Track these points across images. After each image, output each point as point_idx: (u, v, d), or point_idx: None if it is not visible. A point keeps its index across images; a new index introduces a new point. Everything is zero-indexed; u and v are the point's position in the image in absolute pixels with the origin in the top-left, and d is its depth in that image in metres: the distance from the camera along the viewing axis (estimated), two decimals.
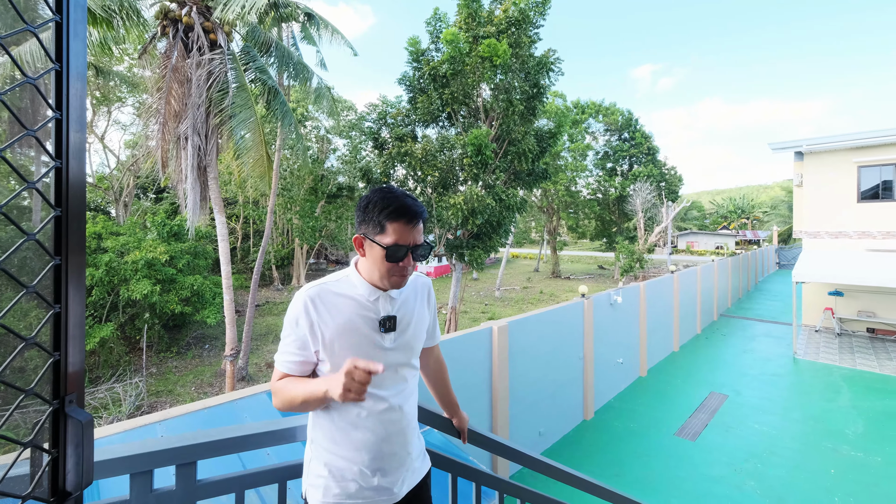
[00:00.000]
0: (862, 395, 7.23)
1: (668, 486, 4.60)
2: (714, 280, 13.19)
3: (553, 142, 10.69)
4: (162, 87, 7.88)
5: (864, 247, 11.27)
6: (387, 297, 1.19)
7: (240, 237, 23.26)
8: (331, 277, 1.21)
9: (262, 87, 9.15)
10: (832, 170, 11.74)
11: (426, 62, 9.91)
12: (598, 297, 6.58)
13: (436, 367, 1.56)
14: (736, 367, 8.66)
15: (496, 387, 4.34)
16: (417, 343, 1.29)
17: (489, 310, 16.71)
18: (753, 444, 5.54)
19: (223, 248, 8.63)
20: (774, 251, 30.46)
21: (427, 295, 1.38)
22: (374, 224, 1.12)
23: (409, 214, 1.12)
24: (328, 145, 23.86)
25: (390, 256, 1.11)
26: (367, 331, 1.16)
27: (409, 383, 1.27)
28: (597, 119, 28.42)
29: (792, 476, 4.83)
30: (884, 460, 5.17)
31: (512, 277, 28.34)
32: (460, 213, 8.73)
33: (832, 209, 11.75)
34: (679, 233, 47.66)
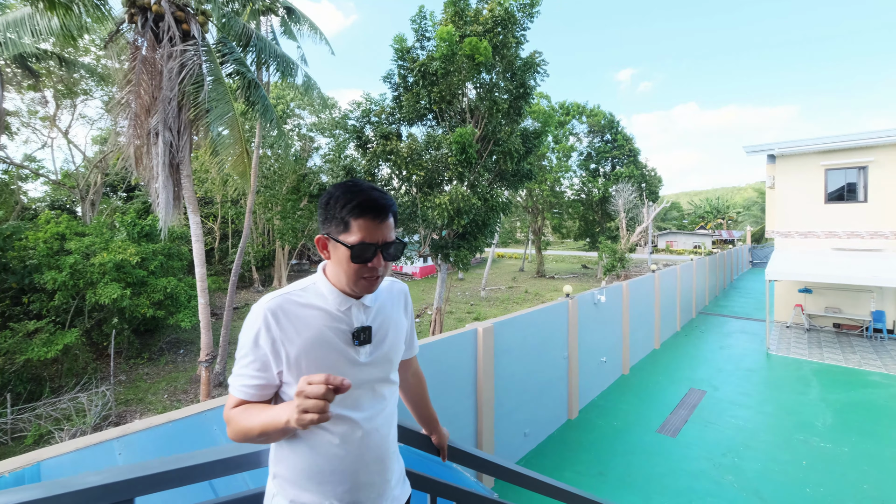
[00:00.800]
0: (829, 387, 7.59)
1: (650, 484, 4.72)
2: (693, 279, 13.61)
3: (538, 142, 10.80)
4: (132, 79, 7.58)
5: (830, 246, 11.84)
6: (360, 305, 1.08)
7: (218, 237, 22.65)
8: (295, 286, 1.08)
9: (240, 80, 8.90)
10: (802, 172, 12.27)
11: (412, 60, 9.88)
12: (582, 297, 6.69)
13: (414, 381, 1.45)
14: (713, 363, 8.96)
15: (481, 389, 4.34)
16: (396, 355, 1.18)
17: (475, 310, 16.78)
18: (731, 439, 5.74)
19: (197, 250, 8.37)
20: (748, 250, 31.65)
21: (404, 302, 1.27)
22: (338, 221, 1.01)
23: (376, 209, 1.01)
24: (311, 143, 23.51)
25: (356, 257, 1.00)
26: (339, 345, 1.04)
27: (388, 402, 1.16)
28: (580, 121, 28.95)
29: (767, 469, 5.03)
30: (850, 450, 5.45)
31: (497, 277, 28.54)
32: (446, 213, 8.72)
33: (802, 210, 12.29)
34: (659, 232, 48.94)
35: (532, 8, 9.66)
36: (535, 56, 9.94)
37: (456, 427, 4.09)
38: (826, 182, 11.96)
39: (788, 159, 12.47)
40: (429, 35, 10.01)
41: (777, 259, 11.16)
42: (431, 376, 3.77)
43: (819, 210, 12.04)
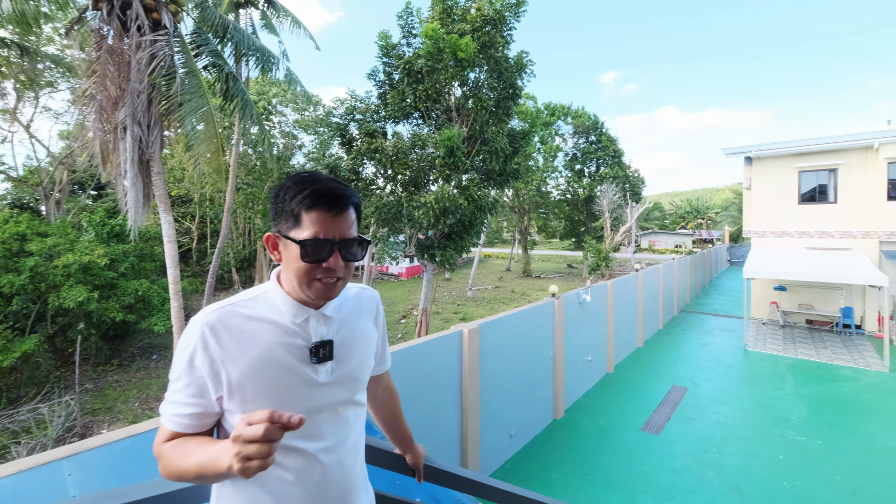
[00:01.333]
0: (803, 382, 7.89)
1: (635, 482, 4.80)
2: (674, 277, 13.94)
3: (525, 142, 10.88)
4: (97, 69, 7.25)
5: (803, 245, 12.31)
6: (319, 316, 0.95)
7: (196, 237, 22.05)
8: (241, 296, 0.94)
9: (217, 73, 8.64)
10: (777, 174, 12.73)
11: (397, 57, 9.82)
12: (568, 297, 6.75)
13: (385, 398, 1.31)
14: (694, 360, 9.19)
15: (467, 391, 4.30)
16: (363, 372, 1.05)
17: (461, 310, 16.80)
18: (711, 435, 5.89)
19: (170, 250, 8.08)
20: (726, 249, 32.68)
21: (375, 311, 1.14)
22: (287, 215, 0.89)
23: (332, 199, 0.88)
24: (294, 141, 23.14)
25: (308, 255, 0.86)
26: (294, 363, 0.91)
27: (354, 427, 1.02)
28: (566, 121, 29.39)
29: (746, 464, 5.18)
30: (823, 443, 5.66)
31: (484, 277, 28.66)
32: (432, 213, 8.69)
33: (777, 210, 12.75)
34: (642, 232, 50.04)
35: (518, 8, 9.74)
36: (522, 56, 10.01)
37: (440, 431, 4.07)
38: (799, 183, 12.43)
39: (764, 161, 12.91)
40: (415, 32, 9.97)
41: (754, 258, 11.54)
42: (416, 380, 3.72)
43: (793, 210, 12.52)
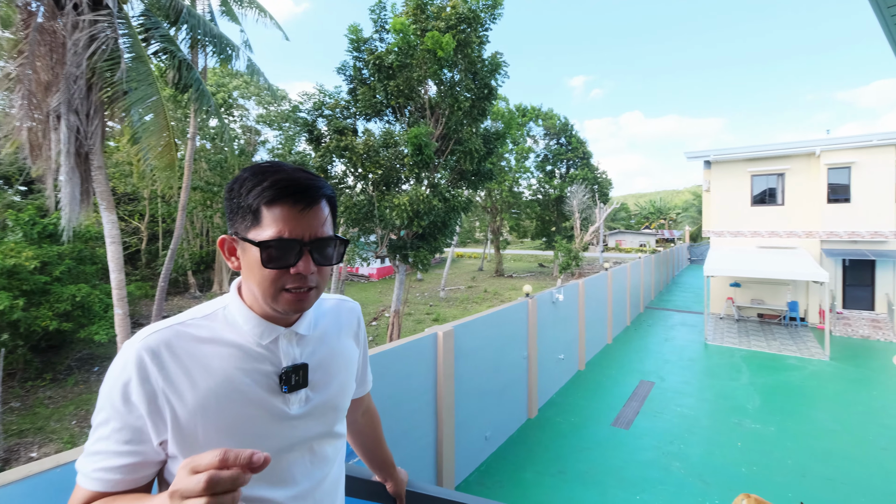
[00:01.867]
0: (757, 372, 8.44)
1: (607, 476, 4.95)
2: (641, 275, 14.54)
3: (500, 143, 10.99)
4: (24, 49, 6.56)
5: (755, 244, 13.21)
6: (291, 335, 0.81)
7: (145, 238, 20.79)
8: (193, 313, 0.79)
9: (170, 61, 8.10)
10: (732, 177, 13.57)
11: (369, 51, 9.65)
12: (541, 296, 6.87)
13: (365, 422, 1.16)
14: (660, 355, 9.62)
15: (441, 394, 4.27)
16: (343, 399, 0.91)
17: (434, 311, 16.77)
18: (677, 427, 6.18)
19: (113, 252, 7.47)
20: (686, 248, 34.52)
21: (356, 326, 1.00)
22: (245, 212, 0.73)
23: (299, 191, 0.73)
24: (257, 136, 22.29)
25: (271, 259, 0.71)
26: (259, 394, 0.76)
27: (332, 465, 0.88)
28: (537, 123, 30.09)
29: (709, 453, 5.48)
30: (776, 429, 6.09)
31: (457, 277, 28.76)
32: (405, 215, 8.61)
33: (732, 211, 13.59)
34: (609, 232, 51.90)
35: (495, 9, 9.83)
36: (496, 56, 10.12)
37: (414, 438, 4.03)
38: (752, 186, 13.31)
39: (722, 165, 13.73)
40: (388, 27, 9.87)
41: (712, 257, 12.25)
42: (389, 386, 3.65)
43: (746, 212, 13.39)
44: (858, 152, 11.38)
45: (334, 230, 0.81)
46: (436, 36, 8.67)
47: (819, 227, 12.07)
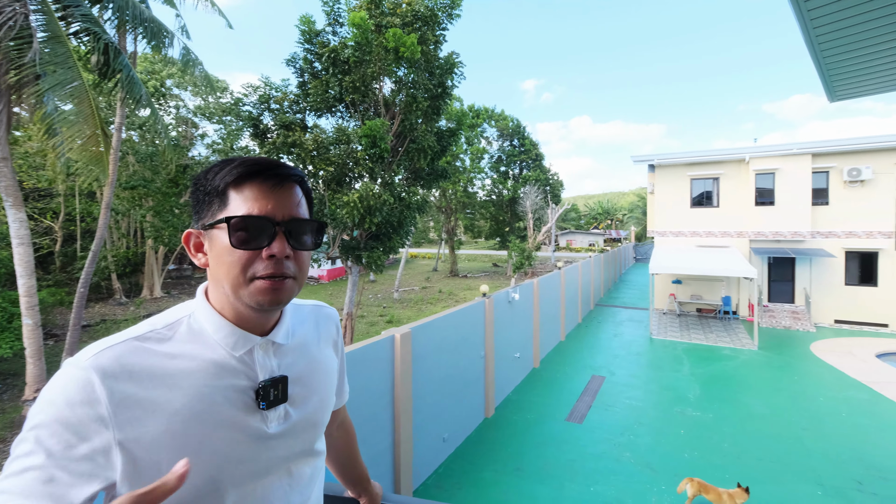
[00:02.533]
0: (696, 363, 9.12)
1: (563, 471, 5.11)
2: (591, 274, 15.24)
3: (453, 141, 11.07)
4: None
5: (694, 243, 14.30)
6: (267, 345, 0.74)
7: (60, 239, 18.75)
8: (151, 324, 0.69)
9: (93, 43, 7.36)
10: (674, 181, 14.60)
11: (321, 44, 9.35)
12: (498, 296, 6.99)
13: (340, 435, 1.10)
14: (610, 350, 10.13)
15: (399, 398, 4.22)
16: (325, 414, 0.85)
17: (388, 312, 16.55)
18: (626, 418, 6.53)
19: (21, 255, 6.67)
20: (632, 248, 36.73)
21: (335, 334, 0.94)
22: (211, 198, 0.69)
23: (269, 169, 0.69)
24: (194, 129, 20.86)
25: (241, 239, 0.65)
26: (234, 413, 0.68)
27: (313, 484, 0.83)
28: (490, 124, 30.70)
29: (656, 442, 5.83)
30: (714, 416, 6.60)
31: (411, 278, 28.59)
32: (356, 212, 8.42)
33: (674, 213, 14.62)
34: (560, 232, 53.99)
35: (452, 9, 9.89)
36: (452, 56, 10.20)
37: (371, 444, 3.94)
38: (691, 189, 14.41)
39: (665, 169, 14.73)
40: (342, 21, 9.62)
41: (657, 255, 13.09)
42: None
43: (686, 213, 14.46)
44: (781, 160, 12.66)
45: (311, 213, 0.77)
46: (398, 34, 8.58)
47: (748, 228, 13.28)
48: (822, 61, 3.38)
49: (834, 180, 12.40)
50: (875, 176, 11.86)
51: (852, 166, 12.00)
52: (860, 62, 3.28)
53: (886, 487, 4.76)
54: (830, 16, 2.77)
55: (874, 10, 2.62)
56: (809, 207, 12.36)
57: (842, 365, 8.82)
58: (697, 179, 14.30)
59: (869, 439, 5.82)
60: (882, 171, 11.78)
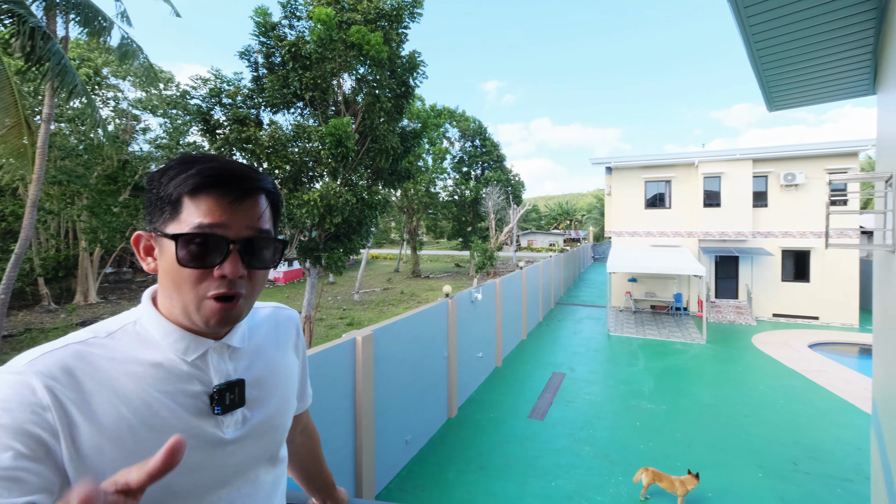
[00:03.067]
0: (650, 358, 9.63)
1: (525, 468, 5.23)
2: (552, 273, 15.70)
3: (417, 142, 11.09)
4: None
5: (648, 243, 15.09)
6: (222, 348, 0.72)
7: None
8: (93, 331, 0.66)
9: (17, 27, 6.74)
10: (630, 183, 15.35)
11: (277, 38, 9.11)
12: (461, 296, 7.04)
13: (304, 441, 1.07)
14: (570, 348, 10.48)
15: (360, 401, 4.17)
16: (285, 418, 0.82)
17: (348, 314, 16.23)
18: (586, 413, 6.78)
19: None
20: (591, 247, 38.20)
21: (296, 336, 0.91)
22: (164, 203, 0.65)
23: (231, 180, 0.65)
24: (134, 123, 19.48)
25: (189, 257, 0.62)
26: (186, 419, 0.65)
27: (274, 494, 0.80)
28: (452, 124, 30.94)
29: (614, 435, 6.09)
30: (667, 408, 6.99)
31: (372, 279, 28.20)
32: (316, 212, 8.22)
33: (630, 214, 15.37)
34: (521, 232, 55.19)
35: (415, 7, 9.90)
36: (415, 56, 10.24)
37: (332, 450, 3.85)
38: (645, 191, 15.21)
39: (621, 171, 15.45)
40: (300, 14, 9.43)
41: (614, 254, 13.70)
42: None
43: (641, 214, 15.24)
44: (726, 164, 13.65)
45: (275, 231, 0.72)
46: (363, 31, 8.49)
47: (697, 228, 14.20)
48: (763, 74, 3.66)
49: (772, 184, 13.53)
50: (807, 181, 13.06)
51: (788, 171, 13.14)
52: (796, 75, 3.59)
53: (818, 467, 5.24)
54: (770, 31, 3.01)
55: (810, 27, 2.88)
56: (751, 209, 13.41)
57: (779, 355, 9.62)
58: (651, 182, 15.11)
59: (803, 423, 6.38)
60: (813, 175, 12.99)
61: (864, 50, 3.07)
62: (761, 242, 13.70)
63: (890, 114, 2.80)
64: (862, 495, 4.67)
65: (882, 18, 2.69)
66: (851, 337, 11.41)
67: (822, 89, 3.65)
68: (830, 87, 3.60)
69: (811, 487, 4.83)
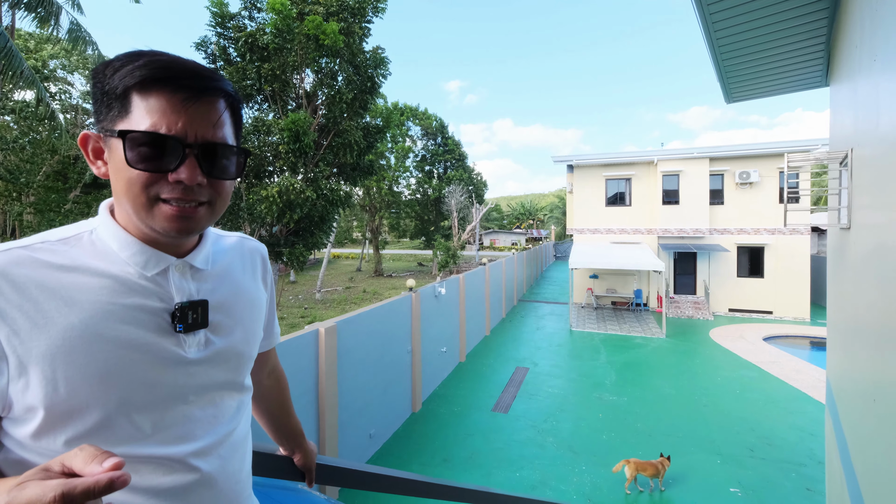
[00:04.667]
0: (612, 352, 10.00)
1: (489, 460, 5.29)
2: (514, 270, 15.98)
3: (380, 137, 11.05)
4: None
5: (609, 240, 15.66)
6: (185, 267, 0.68)
7: None
8: (43, 237, 0.62)
9: None
10: (591, 181, 15.88)
11: (236, 28, 8.93)
12: (424, 290, 7.04)
13: (271, 384, 1.04)
14: (532, 343, 10.71)
15: (323, 395, 4.12)
16: (250, 347, 0.80)
17: (309, 313, 15.76)
18: (549, 406, 6.94)
19: None
20: (552, 246, 39.29)
21: (262, 266, 0.88)
22: (110, 99, 0.59)
23: (184, 76, 0.59)
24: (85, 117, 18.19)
25: (138, 157, 0.57)
26: (143, 335, 0.62)
27: (239, 420, 0.78)
28: (414, 122, 30.90)
29: (577, 426, 6.26)
30: (628, 399, 7.27)
31: (334, 278, 27.62)
32: (275, 207, 8.09)
33: (591, 211, 15.90)
34: (484, 231, 55.85)
35: (378, 2, 9.88)
36: (378, 51, 10.17)
37: None
38: (606, 189, 15.78)
39: (583, 169, 15.94)
40: (260, 6, 9.27)
41: (576, 251, 14.11)
42: None
43: (602, 212, 15.80)
44: (684, 162, 14.40)
45: (237, 141, 0.69)
46: (318, 21, 8.46)
47: (656, 225, 14.90)
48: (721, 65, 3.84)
49: (728, 182, 14.38)
50: (761, 179, 13.93)
51: (742, 170, 13.98)
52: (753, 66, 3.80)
53: (773, 452, 5.62)
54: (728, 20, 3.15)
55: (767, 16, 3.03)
56: (708, 207, 14.22)
57: (735, 348, 10.26)
58: (612, 180, 15.71)
59: (758, 412, 6.83)
60: (767, 174, 13.89)
61: (817, 42, 3.28)
62: (718, 239, 14.54)
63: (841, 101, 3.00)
64: (814, 478, 5.03)
65: (835, 10, 2.87)
66: (803, 330, 12.28)
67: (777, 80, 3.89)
68: (786, 78, 3.83)
69: (767, 472, 5.15)
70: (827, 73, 3.72)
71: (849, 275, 2.53)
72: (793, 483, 4.95)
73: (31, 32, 16.18)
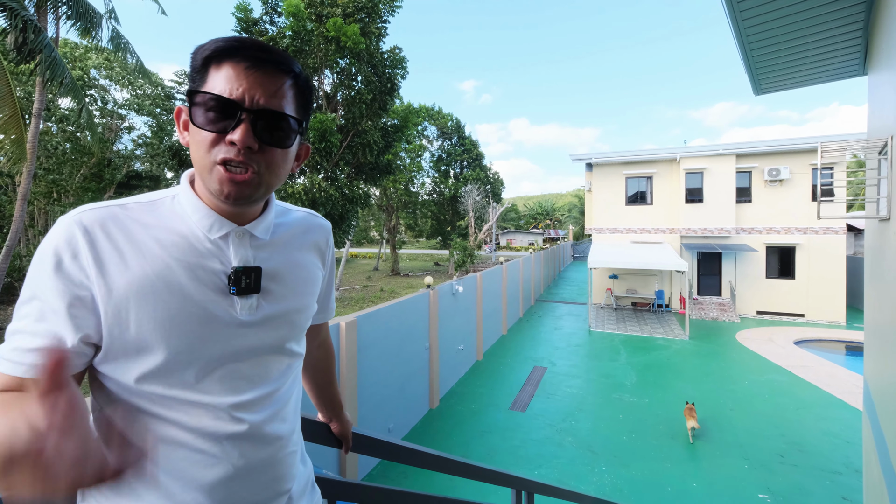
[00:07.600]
0: (632, 353, 9.82)
1: (508, 456, 5.27)
2: (532, 271, 15.85)
3: (398, 137, 11.17)
4: None
5: (629, 240, 15.38)
6: (244, 234, 0.74)
7: None
8: (134, 199, 0.72)
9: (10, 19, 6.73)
10: (610, 179, 15.63)
11: (259, 34, 9.34)
12: (442, 288, 7.07)
13: (320, 355, 1.12)
14: (550, 343, 10.61)
15: (343, 387, 4.20)
16: (301, 317, 0.83)
17: None
18: (567, 406, 6.86)
19: None
20: (570, 246, 38.82)
21: (326, 244, 0.92)
22: (195, 73, 0.68)
23: (251, 48, 0.66)
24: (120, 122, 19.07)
25: (199, 116, 0.65)
26: (203, 291, 0.68)
27: (286, 382, 0.81)
28: (430, 122, 31.01)
29: (596, 426, 6.17)
30: (649, 401, 7.13)
31: (352, 277, 27.98)
32: (300, 204, 8.30)
33: (611, 210, 15.65)
34: (500, 231, 55.57)
35: (393, 1, 9.99)
36: (396, 51, 10.29)
37: None
38: (626, 188, 15.50)
39: (602, 168, 15.70)
40: (280, 10, 9.66)
41: (595, 251, 13.91)
42: None
43: (622, 210, 15.53)
44: (709, 160, 14.02)
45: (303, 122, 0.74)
46: (339, 23, 8.69)
47: (679, 224, 14.55)
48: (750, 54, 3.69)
49: (756, 180, 13.88)
50: (792, 176, 13.35)
51: (772, 166, 13.48)
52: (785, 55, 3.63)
53: (805, 458, 5.41)
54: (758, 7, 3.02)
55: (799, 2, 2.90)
56: (734, 205, 13.78)
57: (764, 351, 9.90)
58: (632, 178, 15.42)
59: (789, 417, 6.58)
60: (798, 171, 13.30)
61: (854, 27, 3.14)
62: (745, 238, 14.08)
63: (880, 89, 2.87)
64: (852, 487, 4.81)
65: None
66: (838, 334, 11.64)
67: (811, 69, 3.72)
68: (820, 66, 3.66)
69: (798, 479, 4.97)
70: (865, 61, 3.55)
71: (889, 270, 2.42)
72: (826, 491, 4.75)
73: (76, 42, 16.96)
